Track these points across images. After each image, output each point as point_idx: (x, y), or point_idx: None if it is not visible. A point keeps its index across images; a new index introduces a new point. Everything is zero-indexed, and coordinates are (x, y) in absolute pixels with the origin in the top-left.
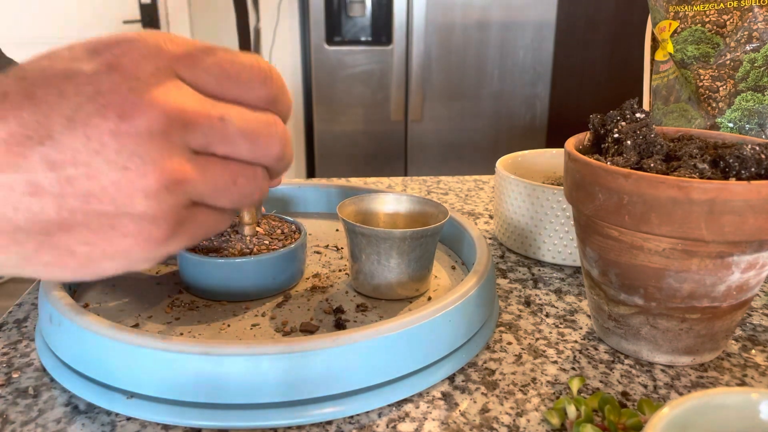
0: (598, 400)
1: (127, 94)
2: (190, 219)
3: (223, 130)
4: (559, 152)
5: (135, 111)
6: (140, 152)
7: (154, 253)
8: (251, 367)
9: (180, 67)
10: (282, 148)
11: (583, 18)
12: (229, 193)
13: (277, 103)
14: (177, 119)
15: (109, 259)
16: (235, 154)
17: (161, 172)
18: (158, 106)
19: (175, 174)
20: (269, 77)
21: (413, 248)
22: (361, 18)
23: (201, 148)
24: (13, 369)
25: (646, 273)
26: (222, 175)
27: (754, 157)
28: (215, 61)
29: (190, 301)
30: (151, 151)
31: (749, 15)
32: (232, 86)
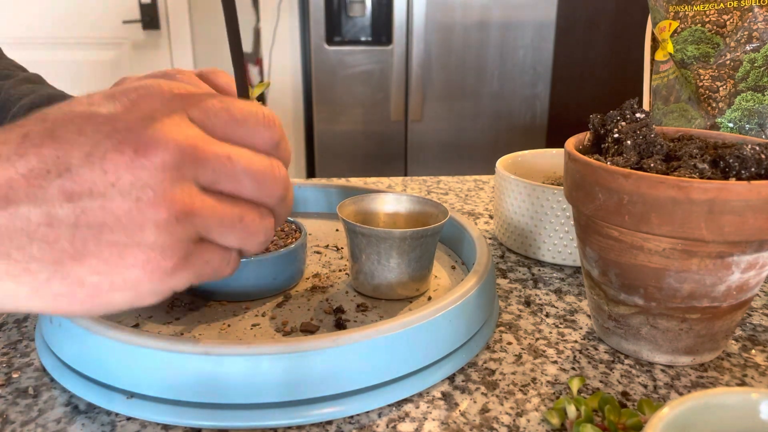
0: (598, 400)
1: (142, 131)
2: (197, 254)
3: (230, 168)
4: (559, 152)
5: (149, 146)
6: (153, 184)
7: (161, 285)
8: (251, 367)
9: (191, 110)
10: (284, 191)
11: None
12: (236, 229)
13: (279, 148)
14: (189, 155)
15: (118, 290)
16: (241, 192)
17: (172, 204)
18: (172, 142)
19: (185, 206)
20: (272, 123)
21: (413, 248)
22: (361, 18)
23: (209, 185)
24: (13, 369)
25: (646, 273)
26: (230, 211)
27: (754, 157)
28: (224, 106)
29: (190, 302)
30: (164, 184)
31: (749, 15)
32: (239, 130)
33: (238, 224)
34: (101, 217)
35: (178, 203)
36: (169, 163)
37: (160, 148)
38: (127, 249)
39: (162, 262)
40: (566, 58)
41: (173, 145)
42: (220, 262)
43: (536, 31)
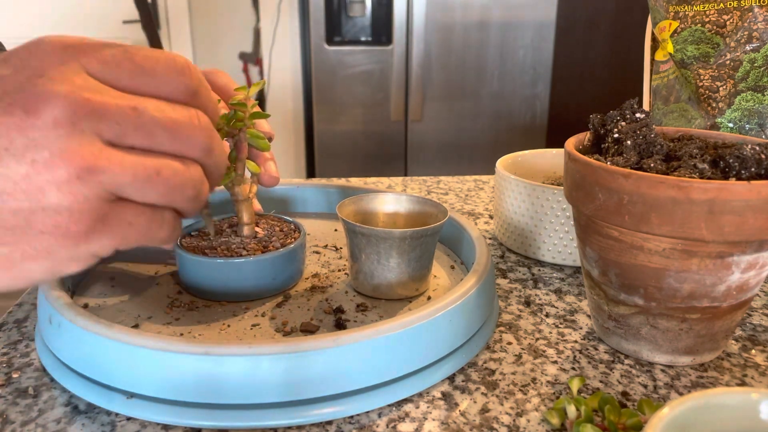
0: (598, 400)
1: (31, 89)
2: (116, 215)
3: (136, 120)
4: (559, 152)
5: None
6: (47, 144)
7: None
8: (252, 368)
9: (90, 64)
10: (207, 140)
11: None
12: (154, 183)
13: (198, 96)
14: (83, 108)
15: (31, 259)
16: (155, 145)
17: (70, 161)
18: (61, 97)
19: (86, 162)
20: (186, 70)
21: (413, 248)
22: (361, 18)
23: (116, 139)
24: (13, 369)
25: (646, 273)
26: (142, 165)
27: (754, 157)
28: (128, 56)
29: (189, 302)
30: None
31: (749, 15)
32: (146, 80)
33: (156, 177)
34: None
35: (77, 159)
36: (61, 119)
37: (50, 104)
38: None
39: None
40: (566, 58)
41: (63, 99)
42: (149, 222)
43: (536, 31)
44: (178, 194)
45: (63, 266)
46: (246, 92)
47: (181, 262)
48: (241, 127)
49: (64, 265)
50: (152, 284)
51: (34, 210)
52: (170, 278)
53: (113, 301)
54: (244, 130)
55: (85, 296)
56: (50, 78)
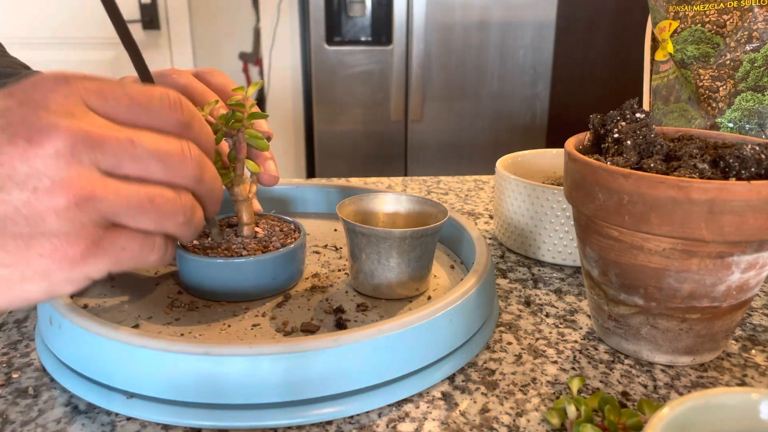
0: (598, 400)
1: (34, 122)
2: (110, 240)
3: (132, 152)
4: (559, 152)
5: (41, 135)
6: (48, 173)
7: (74, 273)
8: (252, 368)
9: (89, 98)
10: (198, 170)
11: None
12: (148, 211)
13: (191, 129)
14: (83, 140)
15: (29, 281)
16: (148, 174)
17: (69, 189)
18: (63, 129)
19: (84, 190)
20: (179, 104)
21: (413, 248)
22: (361, 18)
23: (112, 169)
24: (13, 369)
25: (646, 273)
26: (136, 194)
27: (754, 157)
28: (125, 91)
29: (189, 302)
30: (59, 171)
31: (749, 15)
32: (142, 113)
33: (149, 205)
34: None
35: (76, 188)
36: (62, 150)
37: (52, 135)
38: (32, 239)
39: (69, 249)
40: (566, 58)
41: (65, 132)
42: (141, 247)
43: (536, 31)
44: (170, 220)
45: (59, 288)
46: (244, 92)
47: (181, 262)
48: (240, 128)
49: (60, 287)
50: (152, 284)
51: (34, 234)
52: (170, 278)
53: (113, 301)
54: (243, 130)
55: (85, 297)
56: (53, 111)
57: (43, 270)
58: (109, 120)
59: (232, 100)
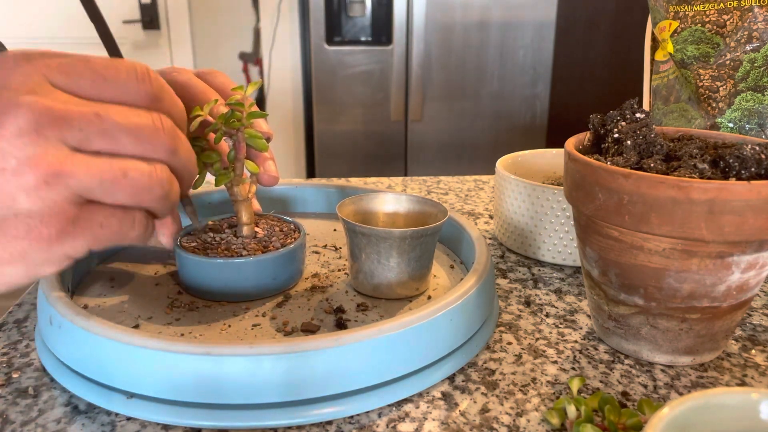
0: (598, 400)
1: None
2: (86, 217)
3: (100, 125)
4: (559, 152)
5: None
6: (14, 152)
7: (51, 253)
8: (253, 368)
9: (53, 75)
10: (171, 141)
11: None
12: (122, 185)
13: (161, 101)
14: (47, 116)
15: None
16: (119, 149)
17: (36, 167)
18: (25, 106)
19: (52, 167)
20: (146, 77)
21: (413, 247)
22: (361, 18)
23: (81, 145)
24: (13, 369)
25: (646, 273)
26: (108, 168)
27: (754, 157)
28: (89, 66)
29: (189, 302)
30: (24, 149)
31: (749, 15)
32: (108, 87)
33: (123, 179)
34: None
35: (43, 165)
36: (24, 128)
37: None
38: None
39: (44, 229)
40: (566, 58)
41: (27, 109)
42: (120, 222)
43: (536, 31)
44: (146, 194)
45: (38, 269)
46: (243, 92)
47: (181, 263)
48: (239, 127)
49: (39, 268)
50: (152, 285)
51: (7, 216)
52: (170, 278)
53: (113, 301)
54: (242, 129)
55: (84, 297)
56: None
57: (20, 252)
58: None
59: (231, 100)
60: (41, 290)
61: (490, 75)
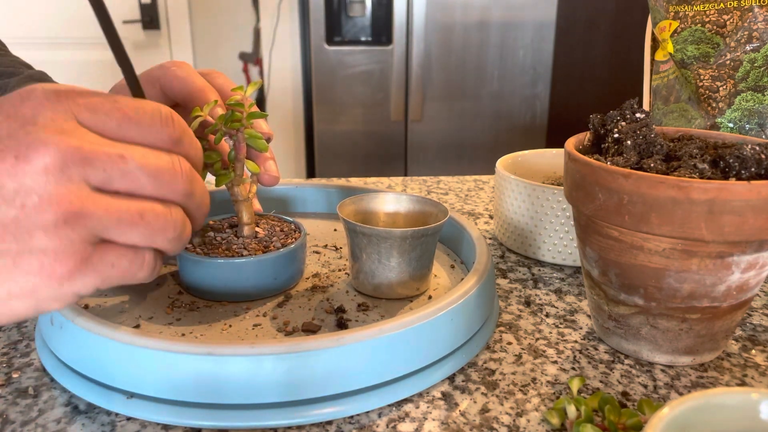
0: (598, 400)
1: (23, 137)
2: (99, 256)
3: (123, 167)
4: (559, 152)
5: (30, 151)
6: (37, 189)
7: (61, 290)
8: (255, 368)
9: (80, 113)
10: (188, 185)
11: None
12: (137, 227)
13: (182, 144)
14: (73, 155)
15: (16, 298)
16: (138, 190)
17: (58, 206)
18: (52, 144)
19: (73, 206)
20: (170, 120)
21: (414, 247)
22: (361, 18)
23: (103, 185)
24: (13, 369)
25: (646, 273)
26: (126, 208)
27: (754, 157)
28: (116, 106)
29: (190, 302)
30: (48, 187)
31: (749, 15)
32: (133, 128)
33: (139, 221)
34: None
35: (65, 204)
36: (51, 166)
37: (41, 151)
38: (20, 256)
39: (57, 266)
40: (566, 58)
41: (54, 147)
42: (130, 263)
43: (536, 31)
44: (160, 236)
45: (46, 305)
46: (243, 92)
47: (182, 263)
48: (239, 127)
49: (47, 304)
50: (153, 285)
51: (22, 252)
52: (171, 279)
53: (114, 301)
54: (242, 130)
55: (85, 297)
56: (42, 126)
57: (31, 288)
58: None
59: (231, 100)
60: None
61: (490, 75)
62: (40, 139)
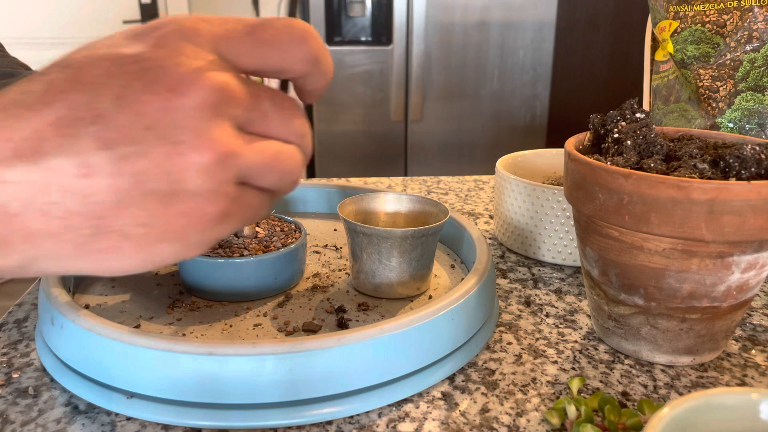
0: (598, 400)
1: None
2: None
3: (258, 108)
4: (559, 152)
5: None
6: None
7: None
8: (256, 368)
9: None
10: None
11: (583, 18)
12: (274, 169)
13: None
14: (223, 93)
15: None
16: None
17: (213, 145)
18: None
19: (228, 147)
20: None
21: (414, 247)
22: (361, 18)
23: (244, 126)
24: (13, 369)
25: (646, 273)
26: (267, 150)
27: (754, 157)
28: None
29: (191, 302)
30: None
31: (749, 15)
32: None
33: (275, 163)
34: (140, 164)
35: (220, 144)
36: (207, 102)
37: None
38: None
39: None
40: (566, 58)
41: (209, 83)
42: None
43: (536, 31)
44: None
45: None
46: None
47: (182, 263)
48: None
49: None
50: (153, 285)
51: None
52: (171, 278)
53: (114, 301)
54: None
55: (86, 296)
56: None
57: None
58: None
59: None
60: (42, 290)
61: (490, 75)
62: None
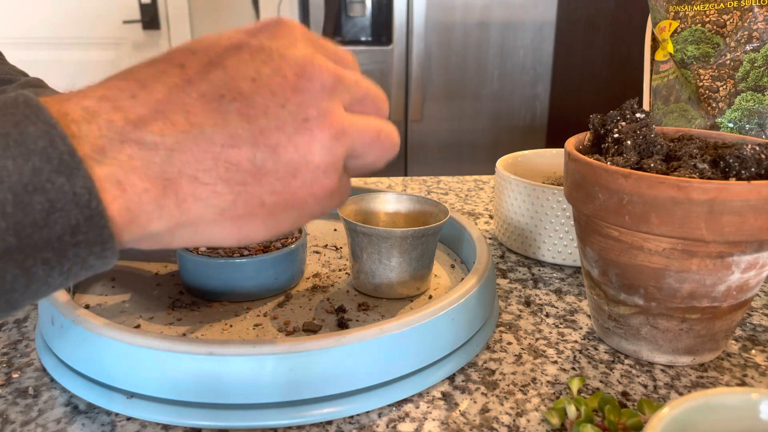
0: (598, 400)
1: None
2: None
3: (358, 91)
4: (559, 152)
5: (307, 70)
6: (316, 105)
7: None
8: (256, 368)
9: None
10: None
11: (583, 18)
12: (375, 146)
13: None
14: (338, 78)
15: (288, 210)
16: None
17: (332, 123)
18: (325, 66)
19: (341, 125)
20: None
21: (414, 247)
22: (361, 18)
23: (349, 106)
24: (13, 369)
25: (646, 273)
26: (371, 128)
27: (754, 157)
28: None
29: (191, 302)
30: (323, 104)
31: (749, 15)
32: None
33: (377, 140)
34: (276, 137)
35: (337, 122)
36: (327, 85)
37: (318, 71)
38: (299, 168)
39: (325, 181)
40: (566, 58)
41: (326, 69)
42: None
43: (536, 31)
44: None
45: (304, 219)
46: None
47: (182, 263)
48: None
49: (305, 219)
50: (153, 285)
51: (302, 164)
52: (171, 278)
53: (114, 301)
54: None
55: (86, 296)
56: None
57: (302, 199)
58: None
59: None
60: None
61: (490, 75)
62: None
